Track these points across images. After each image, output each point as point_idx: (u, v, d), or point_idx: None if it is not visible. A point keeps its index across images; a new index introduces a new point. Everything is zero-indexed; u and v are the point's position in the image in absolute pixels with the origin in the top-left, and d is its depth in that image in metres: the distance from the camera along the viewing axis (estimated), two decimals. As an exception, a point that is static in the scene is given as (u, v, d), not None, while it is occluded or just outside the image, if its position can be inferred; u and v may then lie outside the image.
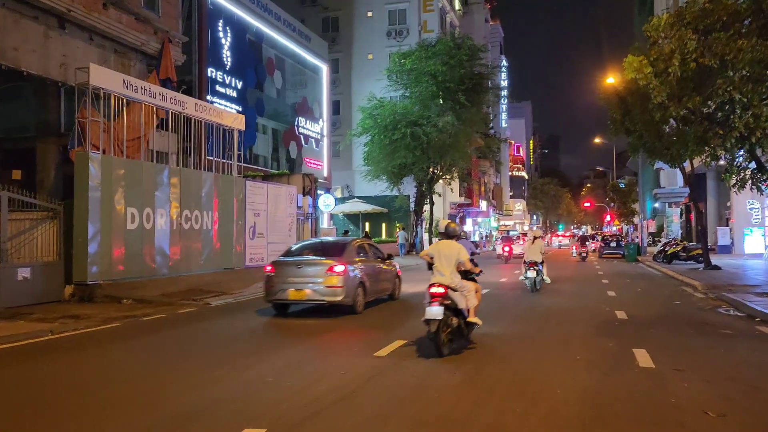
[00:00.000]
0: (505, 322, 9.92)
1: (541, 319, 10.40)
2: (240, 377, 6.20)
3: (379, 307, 12.05)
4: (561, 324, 9.77)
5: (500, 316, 10.50)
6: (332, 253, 11.66)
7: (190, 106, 17.06)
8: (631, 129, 20.51)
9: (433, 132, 32.64)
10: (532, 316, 10.83)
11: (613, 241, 35.75)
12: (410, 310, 11.39)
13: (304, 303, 11.11)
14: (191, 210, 16.78)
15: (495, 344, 7.97)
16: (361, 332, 9.34)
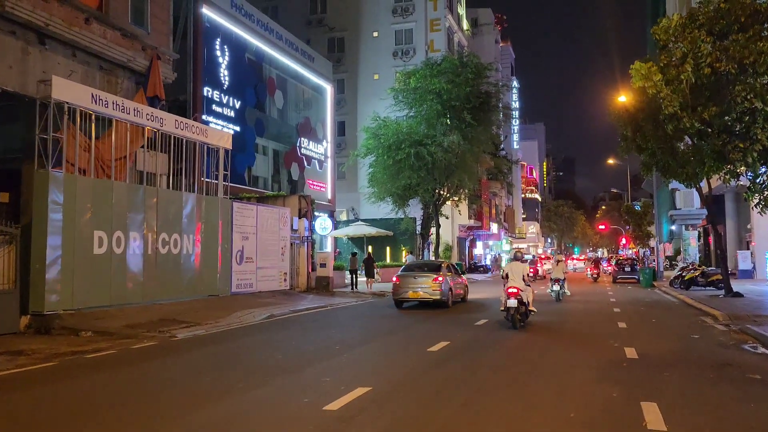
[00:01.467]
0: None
1: (535, 360, 9.10)
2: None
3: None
4: (558, 366, 8.46)
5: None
6: (433, 269, 18.00)
7: (170, 123, 16.14)
8: (643, 146, 19.22)
9: (438, 152, 31.48)
10: (528, 347, 9.59)
11: (628, 265, 34.11)
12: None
13: (417, 300, 17.12)
14: (170, 233, 15.75)
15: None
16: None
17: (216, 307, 15.67)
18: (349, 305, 18.79)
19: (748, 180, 13.14)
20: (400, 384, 7.03)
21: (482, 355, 9.20)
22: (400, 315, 15.61)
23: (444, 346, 9.77)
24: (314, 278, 23.95)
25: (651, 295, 23.17)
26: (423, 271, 17.80)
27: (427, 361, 8.54)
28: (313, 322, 14.13)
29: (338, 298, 20.84)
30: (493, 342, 10.45)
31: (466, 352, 9.45)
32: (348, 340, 10.84)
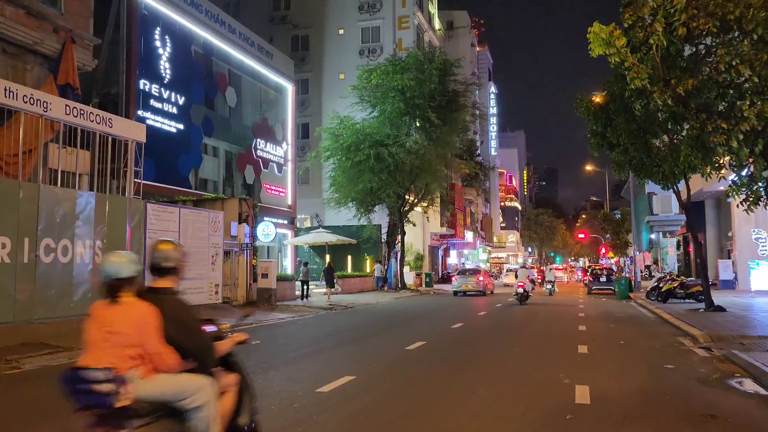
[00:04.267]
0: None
1: (461, 400, 6.89)
2: None
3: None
4: (476, 421, 6.21)
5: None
6: (476, 271, 32.31)
7: (57, 108, 13.69)
8: (614, 142, 17.19)
9: (400, 153, 29.36)
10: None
11: (604, 275, 32.04)
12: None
13: (467, 291, 29.85)
14: (56, 239, 13.27)
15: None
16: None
17: (112, 326, 13.20)
18: (281, 322, 16.42)
19: (732, 170, 10.98)
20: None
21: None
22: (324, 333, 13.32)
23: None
24: (256, 290, 21.55)
25: (625, 309, 21.07)
26: (470, 272, 32.55)
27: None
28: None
29: (277, 313, 18.48)
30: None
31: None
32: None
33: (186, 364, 3.46)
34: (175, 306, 3.59)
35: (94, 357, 3.29)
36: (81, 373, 3.19)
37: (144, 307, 3.37)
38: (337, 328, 14.90)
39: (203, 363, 3.57)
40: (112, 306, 3.37)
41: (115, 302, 3.37)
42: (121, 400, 3.11)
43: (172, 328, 3.41)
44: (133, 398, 3.18)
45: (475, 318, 17.50)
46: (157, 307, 3.40)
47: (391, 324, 15.93)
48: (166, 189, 24.39)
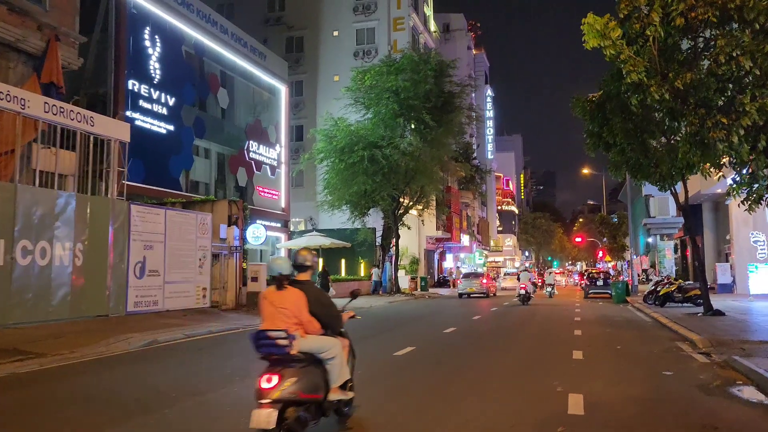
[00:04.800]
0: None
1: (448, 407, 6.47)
2: None
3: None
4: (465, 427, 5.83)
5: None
6: (480, 275, 35.85)
7: (36, 106, 13.28)
8: (611, 142, 16.81)
9: (394, 155, 28.97)
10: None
11: (600, 278, 31.62)
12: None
13: (471, 293, 32.23)
14: (34, 240, 12.86)
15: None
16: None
17: (92, 331, 12.75)
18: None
19: (732, 168, 10.51)
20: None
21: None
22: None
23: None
24: (246, 294, 21.11)
25: (622, 313, 20.66)
26: (474, 276, 34.84)
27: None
28: (198, 350, 11.31)
29: (266, 318, 18.00)
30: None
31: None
32: (199, 384, 8.09)
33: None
34: (314, 291, 5.33)
35: (271, 323, 4.94)
36: (265, 333, 4.83)
37: (297, 292, 5.05)
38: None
39: (333, 329, 5.42)
40: (279, 291, 5.04)
41: (281, 289, 5.04)
42: (292, 349, 4.78)
43: (314, 305, 5.14)
44: (297, 350, 4.85)
45: (468, 322, 17.07)
46: (303, 292, 5.09)
47: (382, 329, 15.49)
48: (155, 191, 23.95)
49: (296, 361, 4.88)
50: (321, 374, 5.12)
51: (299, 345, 4.90)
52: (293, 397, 4.74)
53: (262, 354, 4.91)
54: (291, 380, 4.74)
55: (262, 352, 4.91)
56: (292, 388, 4.72)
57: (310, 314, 5.08)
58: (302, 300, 5.05)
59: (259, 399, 4.66)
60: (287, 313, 4.98)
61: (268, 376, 4.72)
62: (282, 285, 5.06)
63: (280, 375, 4.73)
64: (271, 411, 4.58)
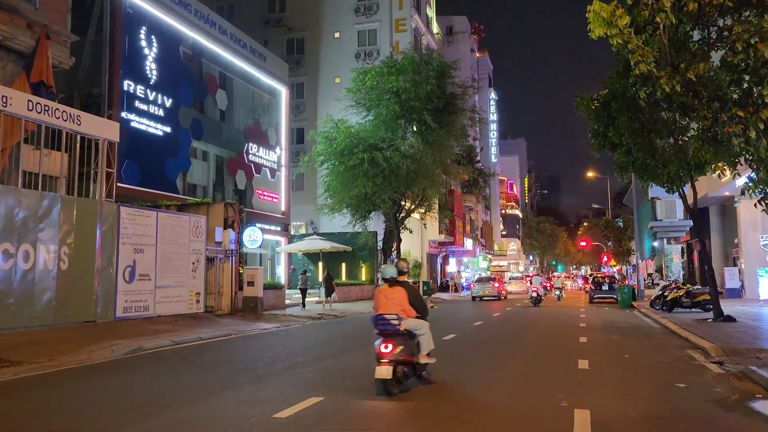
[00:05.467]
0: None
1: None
2: None
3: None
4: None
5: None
6: (492, 279, 39.28)
7: (18, 104, 12.79)
8: (617, 142, 16.26)
9: (395, 157, 28.37)
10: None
11: (606, 283, 30.95)
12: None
13: (483, 296, 34.81)
14: (16, 244, 12.37)
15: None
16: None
17: (76, 338, 12.23)
18: (263, 333, 15.42)
19: (749, 166, 9.87)
20: None
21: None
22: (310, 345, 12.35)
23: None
24: (242, 299, 20.58)
25: (629, 318, 20.04)
26: (488, 280, 37.52)
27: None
28: (182, 359, 10.77)
29: (261, 323, 17.47)
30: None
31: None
32: (176, 396, 7.54)
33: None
34: (411, 288, 7.69)
35: (385, 310, 7.33)
36: (382, 316, 7.29)
37: (401, 289, 7.46)
38: (320, 340, 13.92)
39: (423, 314, 7.72)
40: (390, 288, 7.49)
41: (391, 286, 7.49)
42: (400, 327, 7.17)
43: (411, 298, 7.50)
44: (403, 328, 7.23)
45: (469, 329, 16.49)
46: (404, 288, 7.50)
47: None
48: (151, 194, 23.49)
49: (402, 335, 7.30)
50: (416, 345, 7.50)
51: (404, 324, 7.37)
52: (401, 359, 7.11)
53: (379, 330, 7.35)
54: (400, 348, 7.09)
55: (379, 329, 7.35)
56: (401, 353, 7.08)
57: (409, 304, 7.49)
58: (404, 294, 7.49)
59: (379, 359, 6.97)
60: (395, 303, 7.39)
61: (385, 344, 7.04)
62: (392, 283, 7.58)
63: (393, 344, 7.04)
64: (388, 367, 6.92)
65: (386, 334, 7.19)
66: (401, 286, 7.52)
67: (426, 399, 7.07)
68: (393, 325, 7.24)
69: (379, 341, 7.11)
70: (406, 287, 7.57)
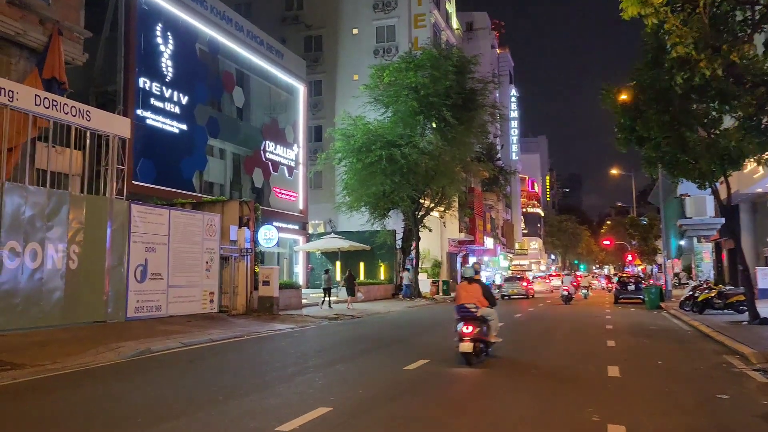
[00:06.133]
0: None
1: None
2: None
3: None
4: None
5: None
6: (520, 278, 38.73)
7: (25, 99, 12.49)
8: (645, 136, 15.50)
9: (413, 154, 27.84)
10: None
11: (632, 283, 29.99)
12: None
13: (512, 295, 35.00)
14: (23, 242, 12.06)
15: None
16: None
17: (83, 339, 11.89)
18: (277, 334, 14.97)
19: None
20: None
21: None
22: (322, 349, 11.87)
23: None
24: (257, 299, 20.18)
25: (657, 320, 19.21)
26: (515, 279, 37.63)
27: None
28: (189, 362, 10.34)
29: (276, 324, 17.02)
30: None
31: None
32: (165, 406, 7.07)
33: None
34: (484, 285, 9.99)
35: (466, 300, 9.56)
36: (464, 305, 9.55)
37: (477, 285, 9.74)
38: (334, 342, 13.41)
39: (492, 305, 9.94)
40: (469, 284, 9.79)
41: (470, 283, 9.80)
42: (477, 313, 9.41)
43: (484, 292, 9.73)
44: (479, 314, 9.46)
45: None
46: (479, 285, 9.78)
47: (395, 337, 14.39)
48: (166, 192, 23.24)
49: (478, 320, 9.42)
50: (487, 328, 9.61)
51: (480, 312, 9.50)
52: (479, 337, 9.27)
53: (461, 316, 9.49)
54: (477, 329, 9.26)
55: (461, 315, 9.51)
56: (478, 333, 9.24)
57: (483, 296, 9.66)
58: (479, 289, 9.74)
59: (462, 338, 9.14)
60: (473, 295, 9.63)
61: (466, 326, 9.23)
62: (471, 281, 9.88)
63: (473, 326, 9.24)
64: (470, 343, 9.11)
65: (466, 318, 9.41)
66: (477, 283, 9.84)
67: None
68: (472, 312, 9.51)
69: (460, 324, 9.38)
70: (480, 284, 9.91)
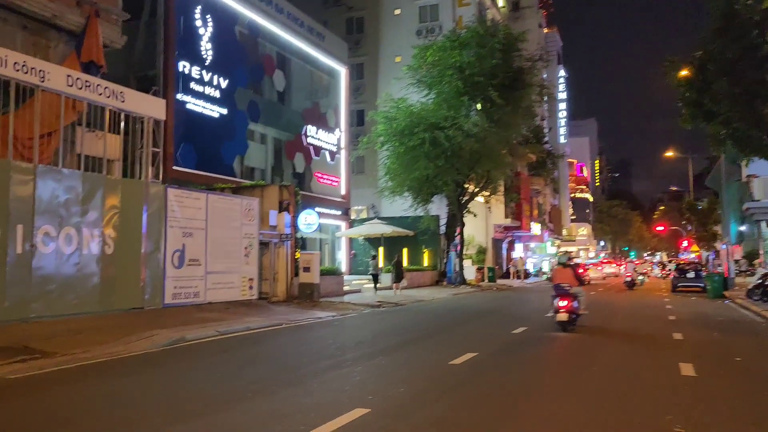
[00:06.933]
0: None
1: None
2: None
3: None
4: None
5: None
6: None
7: (57, 79, 12.14)
8: (713, 110, 14.20)
9: (458, 136, 26.79)
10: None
11: (691, 270, 28.31)
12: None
13: None
14: (58, 227, 11.78)
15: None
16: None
17: (118, 327, 11.55)
18: (317, 322, 14.42)
19: None
20: None
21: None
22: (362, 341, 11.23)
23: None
24: (297, 285, 19.71)
25: (723, 311, 17.84)
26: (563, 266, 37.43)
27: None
28: (222, 352, 9.83)
29: (316, 312, 16.49)
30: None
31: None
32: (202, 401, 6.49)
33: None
34: (574, 268, 13.67)
35: (561, 281, 12.75)
36: (560, 285, 12.63)
37: (569, 269, 13.19)
38: (375, 332, 12.74)
39: (581, 284, 13.87)
40: (564, 268, 13.25)
41: (564, 267, 13.29)
42: (570, 291, 12.44)
43: (575, 274, 13.20)
44: (572, 292, 12.48)
45: (540, 320, 14.89)
46: (571, 269, 13.22)
47: (440, 327, 13.64)
48: (207, 177, 22.98)
49: (571, 296, 12.06)
50: (577, 303, 12.23)
51: (572, 290, 12.20)
52: (573, 309, 11.95)
53: (557, 293, 12.23)
54: (571, 303, 11.93)
55: (558, 292, 12.20)
56: (573, 306, 11.94)
57: (574, 278, 12.53)
58: (571, 272, 12.72)
59: (559, 309, 11.92)
60: (566, 277, 12.50)
61: (561, 300, 11.99)
62: (565, 266, 13.04)
63: (569, 300, 11.95)
64: (566, 314, 11.84)
65: (562, 294, 12.17)
66: (569, 268, 13.04)
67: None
68: (566, 290, 12.27)
69: (556, 299, 12.16)
70: (572, 268, 13.15)
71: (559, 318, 11.89)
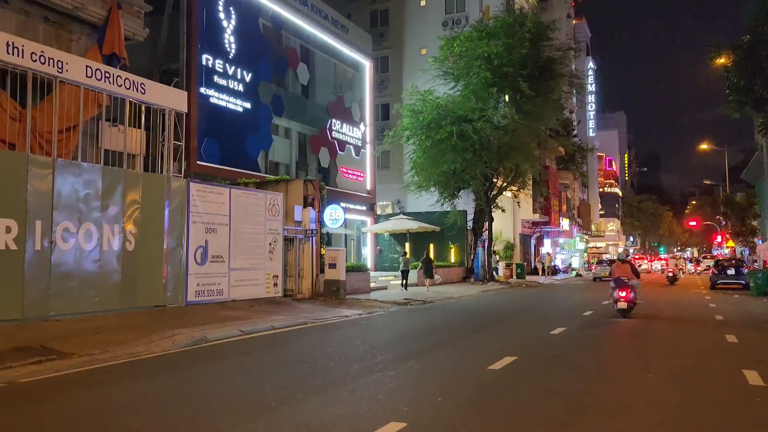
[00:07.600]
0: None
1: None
2: None
3: None
4: None
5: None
6: (612, 261, 26.64)
7: (76, 70, 11.77)
8: (765, 97, 13.29)
9: (486, 129, 26.04)
10: None
11: (732, 266, 27.14)
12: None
13: (604, 277, 31.95)
14: (78, 222, 11.43)
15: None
16: None
17: (139, 326, 11.17)
18: (343, 321, 13.89)
19: None
20: None
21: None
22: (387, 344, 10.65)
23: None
24: (323, 282, 19.24)
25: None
26: (607, 264, 33.56)
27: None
28: (245, 354, 9.34)
29: (342, 309, 15.99)
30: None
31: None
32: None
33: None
34: (632, 264, 15.49)
35: (620, 274, 14.64)
36: (620, 278, 14.48)
37: (627, 264, 15.22)
38: (405, 332, 12.16)
39: (638, 276, 15.06)
40: (622, 263, 15.23)
41: (623, 262, 15.28)
42: (628, 282, 14.32)
43: (632, 269, 15.00)
44: (630, 284, 14.31)
45: (579, 319, 14.17)
46: (629, 264, 15.23)
47: (472, 327, 13.00)
48: (231, 172, 22.64)
49: (629, 287, 13.97)
50: (634, 293, 13.99)
51: (630, 282, 14.09)
52: (631, 298, 13.98)
53: (617, 285, 14.16)
54: (630, 293, 13.93)
55: (617, 284, 14.14)
56: (631, 296, 13.97)
57: (631, 272, 14.47)
58: (629, 267, 14.78)
59: (619, 299, 13.95)
60: (625, 271, 14.52)
61: (621, 290, 14.01)
62: (623, 261, 15.15)
63: (627, 291, 13.92)
64: (626, 303, 13.96)
65: (621, 286, 13.93)
66: (627, 263, 14.90)
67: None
68: (625, 282, 14.03)
69: (616, 290, 13.97)
70: (629, 263, 14.97)
71: (619, 306, 13.89)
